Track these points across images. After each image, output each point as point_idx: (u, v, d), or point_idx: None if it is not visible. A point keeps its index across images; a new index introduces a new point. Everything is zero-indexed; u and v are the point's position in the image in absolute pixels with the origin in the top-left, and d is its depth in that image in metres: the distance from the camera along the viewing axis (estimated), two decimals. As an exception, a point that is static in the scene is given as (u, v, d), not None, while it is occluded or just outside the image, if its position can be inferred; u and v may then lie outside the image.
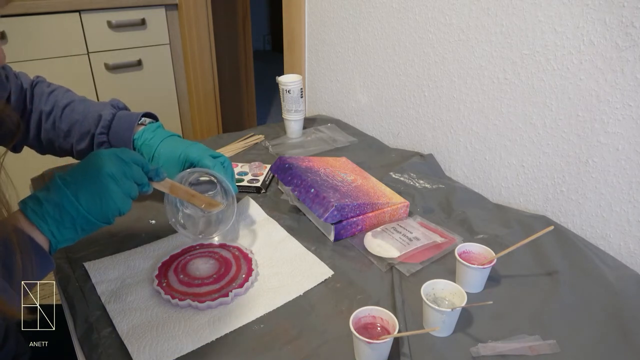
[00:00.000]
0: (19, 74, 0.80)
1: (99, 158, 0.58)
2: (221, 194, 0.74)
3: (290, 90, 1.15)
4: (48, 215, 0.54)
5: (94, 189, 0.56)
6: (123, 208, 0.59)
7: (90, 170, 0.57)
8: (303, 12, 1.39)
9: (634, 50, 0.70)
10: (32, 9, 1.56)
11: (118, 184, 0.57)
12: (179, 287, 0.66)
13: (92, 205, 0.55)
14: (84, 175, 0.56)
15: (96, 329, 0.60)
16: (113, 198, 0.57)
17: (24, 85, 0.78)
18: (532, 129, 0.87)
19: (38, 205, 0.54)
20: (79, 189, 0.55)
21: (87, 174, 0.56)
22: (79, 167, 0.58)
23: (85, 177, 0.56)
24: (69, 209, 0.54)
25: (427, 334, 0.60)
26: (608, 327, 0.62)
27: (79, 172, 0.57)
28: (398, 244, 0.76)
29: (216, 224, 0.75)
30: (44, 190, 0.56)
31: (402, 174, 0.99)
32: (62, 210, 0.54)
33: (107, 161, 0.57)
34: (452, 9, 0.95)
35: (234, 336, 0.60)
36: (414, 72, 1.09)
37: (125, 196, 0.59)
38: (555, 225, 0.79)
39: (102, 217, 0.57)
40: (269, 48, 5.05)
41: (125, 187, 0.58)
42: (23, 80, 0.79)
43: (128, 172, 0.59)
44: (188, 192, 0.69)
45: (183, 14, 1.89)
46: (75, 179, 0.56)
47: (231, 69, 2.49)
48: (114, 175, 0.57)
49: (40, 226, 0.53)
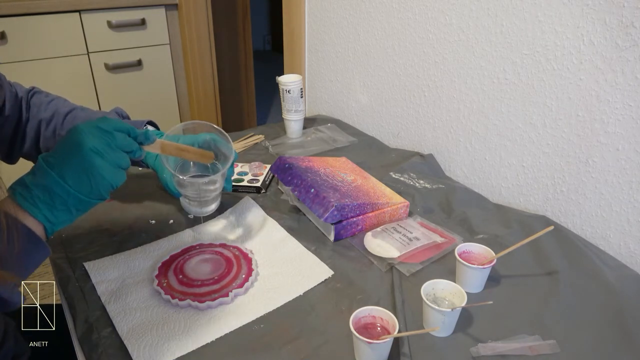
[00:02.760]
0: (13, 83, 0.79)
1: (79, 133, 0.55)
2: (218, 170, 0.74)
3: (290, 90, 1.15)
4: (38, 199, 0.52)
5: (79, 167, 0.53)
6: (115, 181, 0.56)
7: (72, 147, 0.54)
8: (303, 12, 1.39)
9: (634, 50, 0.70)
10: (32, 9, 1.57)
11: (104, 157, 0.55)
12: (179, 287, 0.66)
13: (81, 184, 0.54)
14: (67, 154, 0.54)
15: (96, 329, 0.60)
16: (101, 173, 0.54)
17: (19, 93, 0.77)
18: (532, 129, 0.87)
19: (26, 190, 0.52)
20: (64, 168, 0.53)
21: (70, 152, 0.54)
22: (60, 146, 0.55)
23: (68, 156, 0.54)
24: (57, 191, 0.53)
25: (427, 334, 0.60)
26: (608, 327, 0.62)
27: (62, 151, 0.54)
28: (398, 244, 0.76)
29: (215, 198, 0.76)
30: (30, 174, 0.54)
31: (402, 174, 0.99)
32: (51, 193, 0.52)
33: (88, 135, 0.55)
34: (452, 9, 0.95)
35: (234, 336, 0.60)
36: (414, 72, 1.09)
37: (115, 168, 0.56)
38: (555, 225, 0.79)
39: (94, 194, 0.55)
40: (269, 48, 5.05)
41: (113, 158, 0.56)
42: (18, 89, 0.77)
43: (112, 142, 0.56)
44: (178, 148, 0.68)
45: (183, 14, 1.89)
46: (59, 159, 0.54)
47: (231, 69, 2.49)
48: (97, 149, 0.54)
49: (32, 212, 0.52)
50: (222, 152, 0.74)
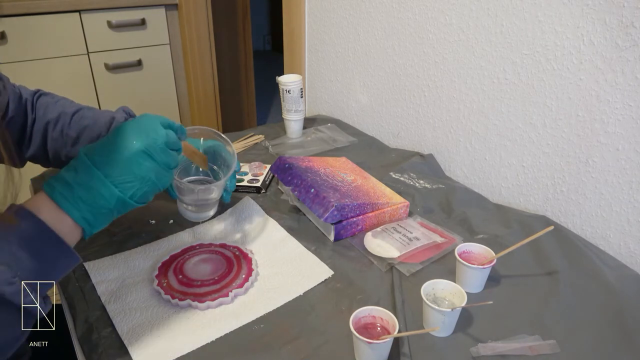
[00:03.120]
0: (18, 86, 0.78)
1: (127, 132, 0.52)
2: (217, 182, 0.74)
3: (290, 90, 1.15)
4: (81, 200, 0.48)
5: (128, 169, 0.50)
6: (163, 183, 0.54)
7: (120, 147, 0.51)
8: (303, 12, 1.39)
9: (634, 50, 0.70)
10: (32, 9, 1.56)
11: (155, 159, 0.52)
12: (179, 287, 0.66)
13: (129, 187, 0.50)
14: (114, 153, 0.50)
15: (96, 329, 0.60)
16: (151, 176, 0.52)
17: (24, 95, 0.76)
18: (532, 129, 0.87)
19: (68, 188, 0.49)
20: (113, 169, 0.50)
21: (118, 151, 0.50)
22: (106, 145, 0.52)
23: (116, 156, 0.50)
24: (103, 193, 0.49)
25: (427, 334, 0.60)
26: (608, 327, 0.62)
27: (108, 150, 0.51)
28: (398, 244, 0.76)
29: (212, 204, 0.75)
30: (70, 170, 0.50)
31: (402, 174, 0.99)
32: (95, 195, 0.49)
33: (137, 135, 0.51)
34: (452, 9, 0.95)
35: (234, 336, 0.60)
36: (414, 72, 1.09)
37: (165, 170, 0.53)
38: (555, 225, 0.79)
39: (141, 197, 0.53)
40: (269, 48, 5.05)
41: (163, 159, 0.53)
42: (23, 91, 0.76)
43: (162, 141, 0.53)
44: (192, 150, 0.68)
45: (183, 14, 1.89)
46: (105, 157, 0.50)
47: (231, 69, 2.49)
48: (148, 150, 0.51)
49: (72, 214, 0.49)
50: (225, 161, 0.74)
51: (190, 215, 0.73)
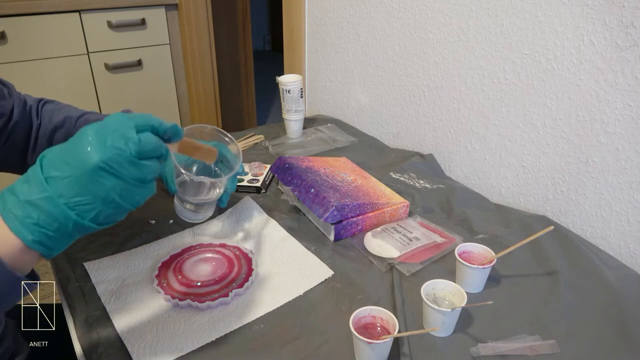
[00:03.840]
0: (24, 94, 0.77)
1: (86, 141, 0.42)
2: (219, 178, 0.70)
3: (290, 90, 1.15)
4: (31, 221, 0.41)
5: (84, 189, 0.42)
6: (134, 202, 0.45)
7: (77, 161, 0.42)
8: (303, 12, 1.39)
9: (634, 50, 0.70)
10: (32, 9, 1.56)
11: (119, 175, 0.42)
12: (179, 287, 0.66)
13: (89, 210, 0.42)
14: (70, 168, 0.42)
15: (96, 329, 0.60)
16: (113, 197, 0.43)
17: (29, 102, 0.75)
18: (532, 129, 0.87)
19: (19, 206, 0.41)
20: (66, 187, 0.41)
21: (75, 166, 0.42)
22: (63, 154, 0.43)
23: (72, 171, 0.41)
24: (58, 217, 0.41)
25: (427, 334, 0.60)
26: (608, 327, 0.62)
27: (64, 162, 0.42)
28: (398, 244, 0.76)
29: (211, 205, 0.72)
30: (24, 183, 0.42)
31: (402, 174, 0.99)
32: (49, 217, 0.41)
33: (96, 144, 0.42)
34: (452, 9, 0.95)
35: (234, 336, 0.60)
36: (414, 72, 1.09)
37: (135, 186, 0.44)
38: (555, 225, 0.79)
39: (106, 219, 0.44)
40: (269, 48, 5.05)
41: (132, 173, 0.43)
42: (27, 98, 0.76)
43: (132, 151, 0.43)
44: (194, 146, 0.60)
45: (183, 14, 1.89)
46: (60, 172, 0.42)
47: (231, 69, 2.50)
48: (108, 165, 0.42)
49: (23, 237, 0.41)
50: (228, 162, 0.70)
51: (187, 215, 0.70)
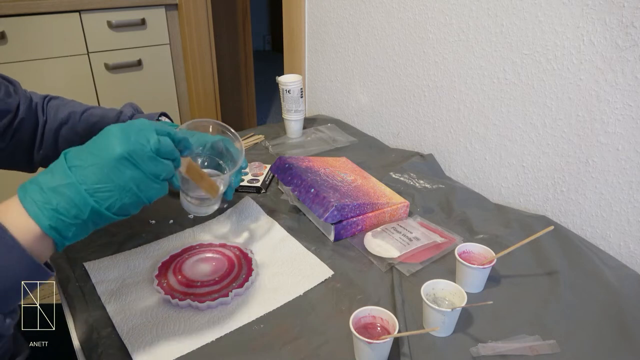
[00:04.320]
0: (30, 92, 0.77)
1: (110, 135, 0.47)
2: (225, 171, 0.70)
3: (290, 90, 1.15)
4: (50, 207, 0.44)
5: (106, 177, 0.45)
6: (149, 196, 0.48)
7: (101, 151, 0.46)
8: (303, 12, 1.39)
9: (634, 50, 0.70)
10: (32, 9, 1.56)
11: (139, 167, 0.46)
12: (179, 287, 0.66)
13: (107, 197, 0.46)
14: (94, 158, 0.46)
15: (96, 329, 0.60)
16: (132, 187, 0.46)
17: (34, 99, 0.76)
18: (532, 129, 0.87)
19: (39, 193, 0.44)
20: (88, 175, 0.45)
21: (98, 156, 0.46)
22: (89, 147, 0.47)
23: (95, 161, 0.45)
24: (77, 202, 0.44)
25: (427, 334, 0.60)
26: (608, 327, 0.62)
27: (89, 153, 0.46)
28: (398, 244, 0.76)
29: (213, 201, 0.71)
30: (47, 173, 0.46)
31: (402, 174, 0.99)
32: (68, 203, 0.44)
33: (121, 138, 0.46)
34: (452, 9, 0.95)
35: (234, 336, 0.60)
36: (414, 72, 1.09)
37: (152, 180, 0.48)
38: (555, 225, 0.79)
39: (121, 210, 0.47)
40: (269, 48, 5.05)
41: (150, 168, 0.47)
42: (33, 96, 0.76)
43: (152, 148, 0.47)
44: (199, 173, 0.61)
45: (183, 14, 1.89)
46: (84, 161, 0.46)
47: (231, 69, 2.49)
48: (131, 155, 0.46)
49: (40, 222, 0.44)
50: (231, 156, 0.71)
51: (192, 209, 0.70)
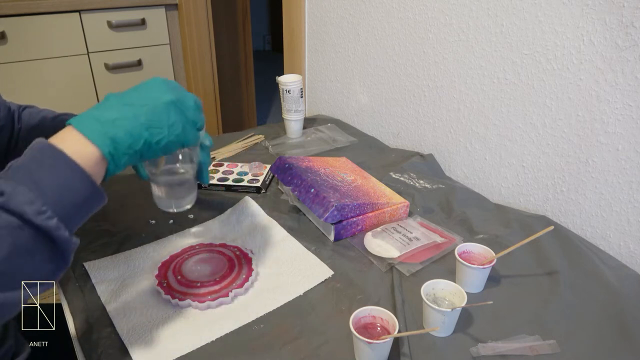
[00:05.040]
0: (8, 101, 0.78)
1: (156, 85, 0.53)
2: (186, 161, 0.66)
3: (290, 90, 1.15)
4: (108, 136, 0.48)
5: (157, 116, 0.51)
6: (188, 139, 0.55)
7: (149, 95, 0.52)
8: (303, 12, 1.39)
9: (634, 50, 0.70)
10: (32, 9, 1.56)
11: (182, 112, 0.53)
12: (179, 287, 0.66)
13: (158, 133, 0.51)
14: (145, 100, 0.52)
15: (96, 329, 0.60)
16: (178, 129, 0.53)
17: (12, 107, 0.77)
18: (532, 129, 0.87)
19: (97, 124, 0.48)
20: (142, 113, 0.50)
21: (147, 98, 0.52)
22: (134, 93, 0.53)
23: (147, 102, 0.51)
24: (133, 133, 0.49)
25: (427, 334, 0.60)
26: (608, 327, 0.62)
27: (138, 98, 0.52)
28: (398, 244, 0.76)
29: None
30: (99, 109, 0.50)
31: (402, 174, 0.99)
32: (126, 134, 0.49)
33: (167, 89, 0.53)
34: (452, 9, 0.95)
35: (234, 336, 0.60)
36: (414, 72, 1.09)
37: (192, 126, 0.55)
38: (555, 225, 0.79)
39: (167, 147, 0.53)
40: (269, 48, 5.05)
41: (190, 116, 0.54)
42: (11, 104, 0.77)
43: (191, 99, 0.55)
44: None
45: (183, 14, 1.89)
46: (136, 102, 0.51)
47: (231, 69, 2.49)
48: (178, 103, 0.53)
49: (100, 146, 0.47)
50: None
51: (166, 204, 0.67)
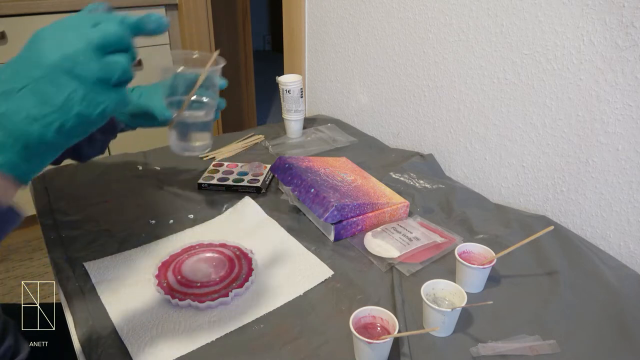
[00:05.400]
0: None
1: (38, 39, 0.37)
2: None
3: (290, 90, 1.15)
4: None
5: (43, 99, 0.36)
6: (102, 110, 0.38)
7: (30, 67, 0.37)
8: (303, 12, 1.39)
9: (634, 50, 0.70)
10: (32, 9, 1.57)
11: (80, 75, 0.36)
12: (179, 287, 0.66)
13: (51, 124, 0.36)
14: (19, 78, 0.36)
15: (96, 329, 0.60)
16: (74, 107, 0.36)
17: None
18: (532, 129, 0.87)
19: None
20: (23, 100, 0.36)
21: (24, 73, 0.37)
22: (7, 69, 0.38)
23: (26, 82, 0.36)
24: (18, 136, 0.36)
25: (427, 334, 0.60)
26: (608, 327, 0.62)
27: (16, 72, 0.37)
28: (398, 244, 0.76)
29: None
30: None
31: (402, 174, 0.99)
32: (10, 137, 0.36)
33: (51, 43, 0.36)
34: (452, 9, 0.95)
35: (234, 336, 0.60)
36: (414, 72, 1.09)
37: (101, 89, 0.37)
38: (555, 225, 0.79)
39: (72, 133, 0.37)
40: (269, 48, 5.05)
41: (93, 72, 0.37)
42: None
43: (86, 45, 0.37)
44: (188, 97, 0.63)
45: (183, 14, 1.89)
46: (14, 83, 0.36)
47: (231, 69, 2.50)
48: (64, 63, 0.36)
49: None
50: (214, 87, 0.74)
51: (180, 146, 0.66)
